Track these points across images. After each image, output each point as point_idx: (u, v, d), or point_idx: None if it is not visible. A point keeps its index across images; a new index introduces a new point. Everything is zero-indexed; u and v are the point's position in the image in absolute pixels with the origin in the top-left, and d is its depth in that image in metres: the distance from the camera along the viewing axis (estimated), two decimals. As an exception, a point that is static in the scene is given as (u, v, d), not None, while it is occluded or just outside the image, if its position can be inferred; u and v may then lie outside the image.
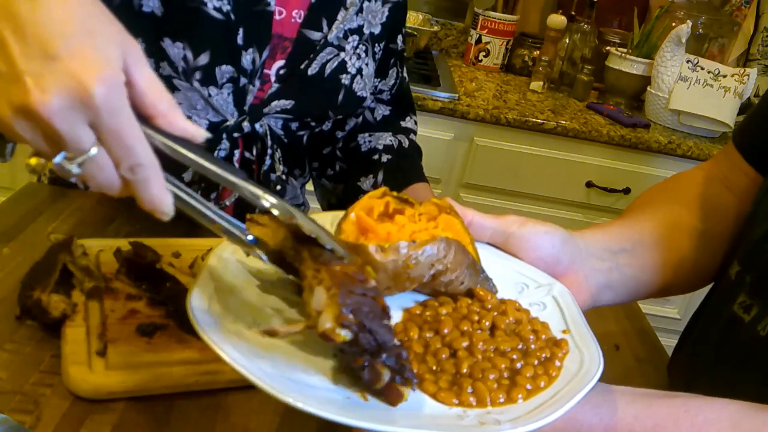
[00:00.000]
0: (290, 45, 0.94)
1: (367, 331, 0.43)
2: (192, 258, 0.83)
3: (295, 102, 0.96)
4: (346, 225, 0.56)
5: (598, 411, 0.52)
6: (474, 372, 0.50)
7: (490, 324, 0.55)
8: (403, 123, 1.15)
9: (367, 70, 1.02)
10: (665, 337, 1.09)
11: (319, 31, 0.95)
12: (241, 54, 0.88)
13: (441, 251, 0.54)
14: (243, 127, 0.93)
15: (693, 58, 2.05)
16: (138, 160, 0.44)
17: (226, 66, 0.87)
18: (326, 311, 0.43)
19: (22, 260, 0.80)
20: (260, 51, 0.90)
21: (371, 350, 0.44)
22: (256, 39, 0.89)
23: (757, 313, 0.65)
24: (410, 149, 1.12)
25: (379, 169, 1.07)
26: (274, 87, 0.94)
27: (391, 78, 1.12)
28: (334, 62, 0.97)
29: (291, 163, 1.05)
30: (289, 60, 0.94)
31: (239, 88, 0.90)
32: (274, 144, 0.98)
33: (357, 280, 0.45)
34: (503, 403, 0.48)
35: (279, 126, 0.99)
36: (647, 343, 0.92)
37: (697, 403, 0.53)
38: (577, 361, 0.52)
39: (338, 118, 1.05)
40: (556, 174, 2.01)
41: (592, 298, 0.66)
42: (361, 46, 1.00)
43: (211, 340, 0.46)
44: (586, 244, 0.68)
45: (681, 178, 0.84)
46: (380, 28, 1.03)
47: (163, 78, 0.76)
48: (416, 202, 0.61)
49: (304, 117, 0.99)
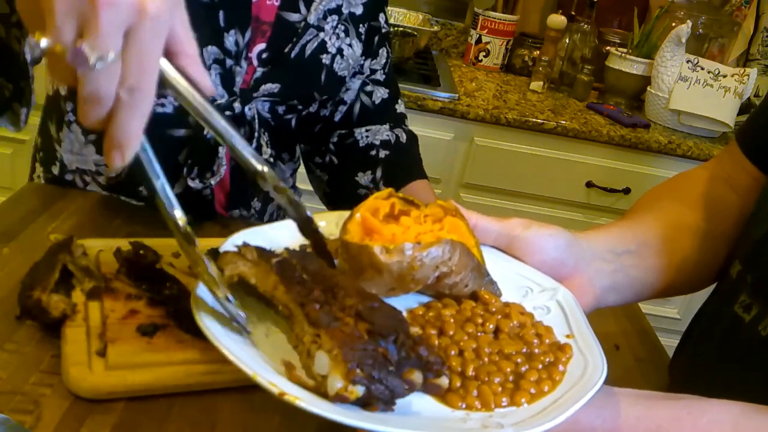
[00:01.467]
0: (269, 28, 0.95)
1: (377, 381, 0.43)
2: (192, 258, 0.82)
3: (281, 85, 0.97)
4: (352, 225, 0.56)
5: (600, 413, 0.52)
6: (479, 374, 0.50)
7: (494, 327, 0.55)
8: (398, 107, 1.15)
9: (349, 50, 1.03)
10: (665, 337, 1.09)
11: (296, 12, 0.96)
12: (224, 36, 0.91)
13: (446, 253, 0.54)
14: (234, 108, 0.95)
15: (693, 58, 2.05)
16: (141, 85, 0.44)
17: (211, 47, 0.90)
18: (333, 372, 0.43)
19: (22, 260, 0.80)
20: (242, 32, 0.92)
21: (385, 399, 0.44)
22: (237, 21, 0.91)
23: (758, 313, 0.65)
24: (408, 143, 1.12)
25: (378, 165, 1.08)
26: (258, 71, 0.95)
27: (382, 57, 1.12)
28: (313, 43, 0.98)
29: (279, 146, 1.05)
30: (270, 43, 0.95)
31: (226, 69, 0.92)
32: (261, 128, 0.99)
33: (356, 337, 0.45)
34: (507, 407, 0.48)
35: (266, 110, 1.00)
36: (647, 343, 0.92)
37: (699, 405, 0.53)
38: (581, 365, 0.52)
39: (323, 99, 1.05)
40: (556, 174, 2.01)
41: (596, 300, 0.66)
42: (340, 26, 1.01)
43: (216, 339, 0.46)
44: (590, 246, 0.68)
45: (684, 177, 0.83)
46: (362, 8, 1.04)
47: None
48: (422, 204, 0.60)
49: (290, 100, 1.01)
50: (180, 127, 0.93)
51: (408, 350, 0.46)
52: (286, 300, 0.50)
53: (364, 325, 0.46)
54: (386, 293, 0.55)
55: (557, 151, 1.99)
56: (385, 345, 0.45)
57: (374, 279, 0.54)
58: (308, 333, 0.47)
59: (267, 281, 0.52)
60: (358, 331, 0.45)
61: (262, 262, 0.53)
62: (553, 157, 1.99)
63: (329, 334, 0.45)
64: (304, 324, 0.47)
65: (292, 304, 0.49)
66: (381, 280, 0.54)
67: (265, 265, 0.53)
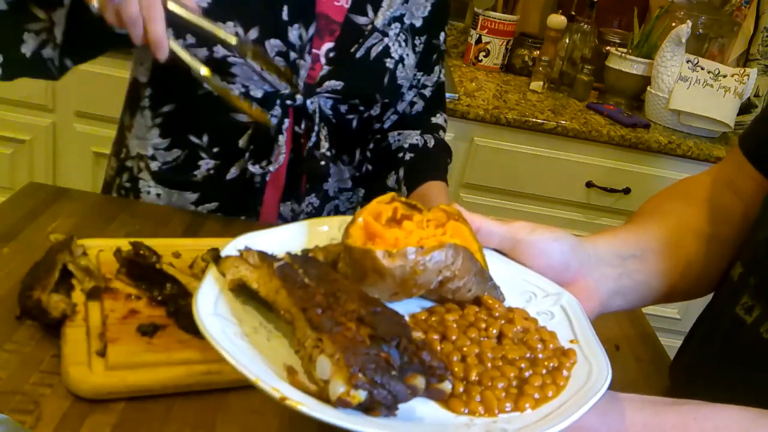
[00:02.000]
0: (338, 28, 1.01)
1: (380, 386, 0.43)
2: (192, 258, 0.82)
3: (344, 83, 1.02)
4: (354, 229, 0.56)
5: (605, 419, 0.51)
6: (483, 380, 0.50)
7: (497, 332, 0.54)
8: (433, 119, 1.18)
9: (407, 60, 1.08)
10: (665, 337, 1.09)
11: (364, 16, 1.03)
12: (287, 29, 0.97)
13: (449, 258, 0.53)
14: (296, 98, 1.00)
15: (693, 58, 2.05)
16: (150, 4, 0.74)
17: (274, 40, 0.96)
18: (335, 377, 0.43)
19: (22, 260, 0.80)
20: (306, 27, 0.98)
21: (388, 404, 0.44)
22: (301, 16, 0.98)
23: (760, 315, 0.65)
24: (435, 148, 1.14)
25: (401, 167, 1.11)
26: (325, 69, 1.01)
27: (435, 74, 1.17)
28: (378, 47, 1.04)
29: (338, 145, 1.08)
30: (338, 43, 1.01)
31: (290, 62, 0.98)
32: (321, 122, 1.03)
33: (358, 342, 0.45)
34: (511, 412, 0.48)
35: (329, 106, 1.04)
36: (648, 343, 0.92)
37: (706, 411, 0.53)
38: (585, 371, 0.51)
39: (384, 102, 1.08)
40: (556, 174, 2.01)
41: (602, 304, 0.66)
42: (401, 35, 1.06)
43: (218, 343, 0.46)
44: (595, 250, 0.67)
45: (688, 182, 0.83)
46: (421, 22, 1.09)
47: (218, 60, 0.93)
48: (425, 208, 0.60)
49: (351, 98, 1.04)
50: (243, 112, 0.97)
51: (411, 355, 0.46)
52: (288, 305, 0.50)
53: (367, 330, 0.46)
54: (389, 298, 0.55)
55: (557, 151, 1.99)
56: (387, 350, 0.45)
57: (377, 283, 0.53)
58: (310, 338, 0.46)
59: (269, 286, 0.52)
60: (361, 335, 0.45)
61: (263, 267, 0.53)
62: (553, 157, 1.99)
63: (331, 338, 0.45)
64: (306, 329, 0.47)
65: (294, 309, 0.49)
66: (383, 284, 0.53)
67: (267, 270, 0.52)
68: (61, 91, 1.96)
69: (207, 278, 0.54)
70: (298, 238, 0.62)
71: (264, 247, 0.57)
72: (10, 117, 1.99)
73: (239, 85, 0.96)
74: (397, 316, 0.49)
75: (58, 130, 2.02)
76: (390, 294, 0.54)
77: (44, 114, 2.00)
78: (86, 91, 1.96)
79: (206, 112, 0.99)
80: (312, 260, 0.55)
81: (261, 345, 0.49)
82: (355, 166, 1.14)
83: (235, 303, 0.53)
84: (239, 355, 0.45)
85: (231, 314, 0.51)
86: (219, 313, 0.51)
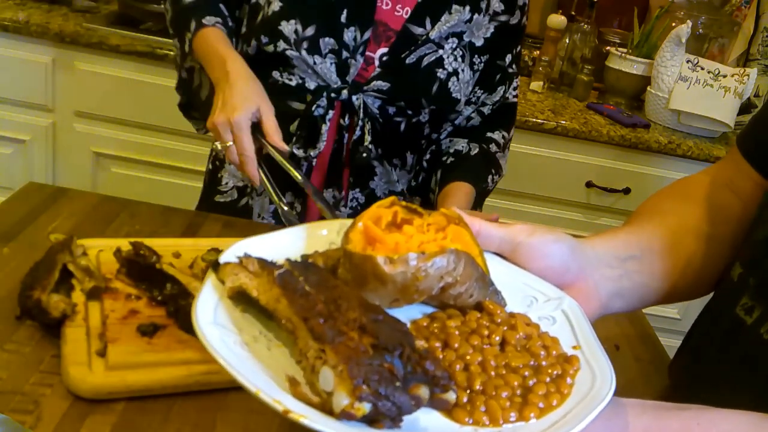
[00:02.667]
0: (394, 36, 1.09)
1: (384, 398, 0.42)
2: (192, 258, 0.82)
3: (391, 85, 1.09)
4: (354, 234, 0.55)
5: (608, 424, 0.51)
6: (487, 389, 0.49)
7: (500, 339, 0.54)
8: (489, 134, 1.21)
9: (462, 75, 1.13)
10: (665, 337, 1.09)
11: (421, 27, 1.09)
12: (344, 30, 1.06)
13: (451, 263, 0.53)
14: (342, 93, 1.08)
15: (693, 58, 2.05)
16: (244, 152, 0.97)
17: (328, 38, 1.06)
18: (339, 389, 0.42)
19: (22, 260, 0.80)
20: (362, 30, 1.07)
21: (392, 416, 0.43)
22: (359, 19, 1.07)
23: (760, 315, 0.65)
24: (476, 156, 1.17)
25: (438, 169, 1.17)
26: (377, 71, 1.09)
27: (497, 95, 1.20)
28: (431, 57, 1.10)
29: (385, 146, 1.14)
30: (392, 49, 1.09)
31: (342, 60, 1.07)
32: (366, 117, 1.10)
33: (361, 352, 0.44)
34: (516, 422, 0.47)
35: (376, 106, 1.11)
36: (647, 343, 0.92)
37: (709, 416, 0.53)
38: (589, 378, 0.51)
39: (432, 108, 1.12)
40: (556, 174, 2.01)
41: (602, 306, 0.66)
42: (458, 50, 1.11)
43: (218, 354, 0.45)
44: (595, 251, 0.67)
45: (687, 182, 0.83)
46: (482, 42, 1.14)
47: (278, 53, 1.07)
48: (425, 212, 0.59)
49: (397, 101, 1.10)
50: (297, 101, 1.10)
51: (414, 365, 0.45)
52: (289, 314, 0.49)
53: (369, 340, 0.45)
54: (390, 304, 0.54)
55: (557, 151, 1.99)
56: (390, 360, 0.44)
57: (377, 290, 0.53)
58: (312, 348, 0.46)
59: (269, 294, 0.51)
60: (363, 345, 0.44)
61: (263, 274, 0.52)
62: (553, 157, 1.99)
63: (334, 349, 0.44)
64: (308, 339, 0.46)
65: (296, 318, 0.48)
66: (384, 290, 0.53)
67: (267, 278, 0.52)
68: (61, 91, 1.96)
69: (206, 285, 0.53)
70: (297, 243, 0.61)
71: (263, 253, 0.56)
72: (10, 117, 1.99)
73: (297, 75, 1.08)
74: (399, 323, 0.49)
75: (58, 130, 2.02)
76: (391, 300, 0.54)
77: (44, 114, 2.00)
78: (86, 91, 1.96)
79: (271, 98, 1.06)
80: (312, 266, 0.54)
81: (261, 354, 0.49)
82: (408, 171, 1.19)
83: (235, 311, 0.52)
84: (240, 366, 0.44)
85: (231, 323, 0.51)
86: (219, 321, 0.50)
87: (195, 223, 1.00)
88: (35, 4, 2.03)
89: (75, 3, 2.04)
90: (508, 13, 1.15)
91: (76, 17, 1.97)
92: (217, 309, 0.51)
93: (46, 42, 1.89)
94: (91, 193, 1.04)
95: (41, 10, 1.98)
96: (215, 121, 0.96)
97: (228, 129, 0.96)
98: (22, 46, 1.90)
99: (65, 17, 1.96)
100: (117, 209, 1.00)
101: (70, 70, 1.92)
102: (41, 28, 1.86)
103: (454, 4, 1.10)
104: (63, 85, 1.95)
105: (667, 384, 0.82)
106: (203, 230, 0.99)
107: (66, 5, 2.05)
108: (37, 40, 1.89)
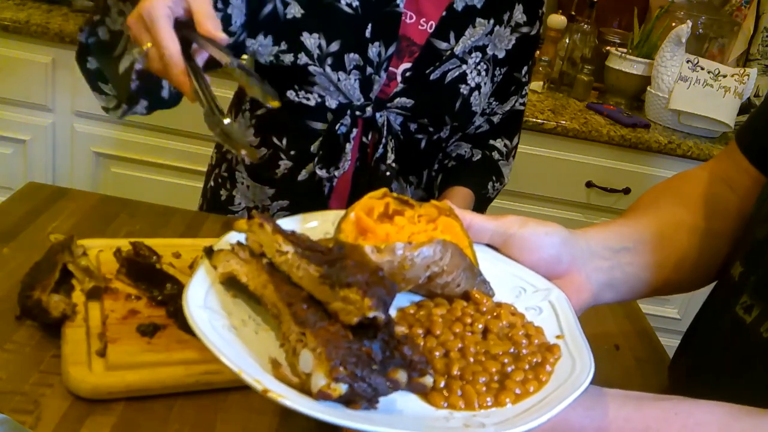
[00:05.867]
0: (418, 50, 1.06)
1: (360, 379, 0.44)
2: (192, 258, 0.83)
3: (414, 101, 1.06)
4: (346, 225, 0.57)
5: (589, 413, 0.52)
6: (464, 374, 0.50)
7: (482, 327, 0.55)
8: (492, 141, 1.21)
9: (484, 88, 1.11)
10: (665, 337, 1.09)
11: (446, 41, 1.06)
12: (368, 46, 1.02)
13: (437, 253, 0.54)
14: (366, 111, 1.05)
15: (693, 58, 2.05)
16: (164, 51, 0.70)
17: (353, 54, 1.02)
18: (317, 370, 0.44)
19: (22, 260, 0.80)
20: (386, 46, 1.04)
21: (368, 397, 0.45)
22: (383, 35, 1.03)
23: (759, 314, 0.65)
24: (477, 162, 1.17)
25: (440, 172, 1.16)
26: (399, 86, 1.06)
27: (509, 104, 1.19)
28: (455, 72, 1.07)
29: (405, 163, 1.11)
30: (416, 63, 1.06)
31: (366, 77, 1.03)
32: (389, 135, 1.08)
33: (341, 336, 0.45)
34: (491, 407, 0.48)
35: (398, 123, 1.08)
36: (647, 343, 0.92)
37: (687, 406, 0.53)
38: (569, 366, 0.52)
39: (454, 125, 1.11)
40: (556, 174, 2.01)
41: (593, 297, 0.66)
42: (482, 64, 1.10)
43: (204, 335, 0.46)
44: (587, 242, 0.68)
45: (684, 177, 0.83)
46: (504, 54, 1.13)
47: (300, 67, 1.00)
48: (416, 204, 0.61)
49: (420, 117, 1.08)
50: (318, 120, 1.06)
51: (392, 350, 0.47)
52: (275, 299, 0.51)
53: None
54: None
55: (557, 151, 1.99)
56: (369, 344, 0.46)
57: None
58: (294, 332, 0.47)
59: (257, 280, 0.53)
60: (343, 331, 0.46)
61: (253, 261, 0.54)
62: (553, 157, 1.99)
63: (314, 333, 0.46)
64: (291, 323, 0.48)
65: (280, 304, 0.50)
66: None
67: (256, 264, 0.53)
68: (61, 91, 1.96)
69: (198, 271, 0.54)
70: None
71: None
72: (10, 117, 1.99)
73: (316, 94, 1.04)
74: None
75: (58, 130, 2.02)
76: None
77: (44, 114, 2.00)
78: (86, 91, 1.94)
79: (288, 118, 1.06)
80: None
81: (248, 338, 0.50)
82: (423, 188, 1.17)
83: (226, 296, 0.54)
84: (224, 347, 0.46)
85: (221, 307, 0.52)
86: (208, 305, 0.51)
87: (195, 223, 1.00)
88: (35, 4, 2.03)
89: (75, 3, 2.04)
90: (529, 25, 1.14)
91: (76, 17, 1.97)
92: (209, 293, 0.53)
93: (46, 42, 1.89)
94: (91, 193, 1.04)
95: (41, 10, 1.98)
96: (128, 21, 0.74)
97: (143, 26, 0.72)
98: (22, 46, 1.90)
99: (65, 17, 1.96)
100: (117, 209, 1.00)
101: (70, 70, 1.91)
102: (41, 28, 1.86)
103: (479, 17, 1.08)
104: (63, 85, 1.95)
105: (666, 384, 0.82)
106: (203, 230, 0.99)
107: (66, 5, 2.05)
108: (37, 40, 1.89)
